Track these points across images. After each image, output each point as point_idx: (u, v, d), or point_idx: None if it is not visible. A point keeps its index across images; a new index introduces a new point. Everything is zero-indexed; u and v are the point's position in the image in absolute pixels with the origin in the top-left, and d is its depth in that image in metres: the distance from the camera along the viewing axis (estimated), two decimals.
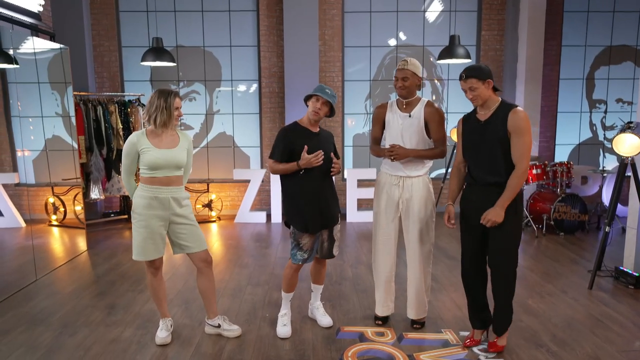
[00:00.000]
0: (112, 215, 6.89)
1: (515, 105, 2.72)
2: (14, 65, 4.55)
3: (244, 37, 7.02)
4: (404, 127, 3.11)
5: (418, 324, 3.31)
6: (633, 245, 4.22)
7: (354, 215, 6.62)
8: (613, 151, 4.14)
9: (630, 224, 4.27)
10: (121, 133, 6.27)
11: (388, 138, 3.20)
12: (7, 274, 4.55)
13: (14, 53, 4.48)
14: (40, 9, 5.36)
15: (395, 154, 3.05)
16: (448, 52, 5.71)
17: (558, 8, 6.98)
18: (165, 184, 2.92)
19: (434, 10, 7.00)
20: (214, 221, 6.77)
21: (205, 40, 7.01)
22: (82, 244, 5.46)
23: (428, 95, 7.16)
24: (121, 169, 3.00)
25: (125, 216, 6.76)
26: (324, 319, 3.36)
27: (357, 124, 7.25)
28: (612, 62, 7.19)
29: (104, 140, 6.22)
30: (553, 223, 5.78)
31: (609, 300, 3.79)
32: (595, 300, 3.80)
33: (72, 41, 6.19)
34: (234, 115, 7.19)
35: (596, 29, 7.11)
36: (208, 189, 6.89)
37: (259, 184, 6.66)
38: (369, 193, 6.24)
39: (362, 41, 7.06)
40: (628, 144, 4.00)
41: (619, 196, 4.14)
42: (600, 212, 6.33)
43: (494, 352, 2.93)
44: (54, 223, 6.27)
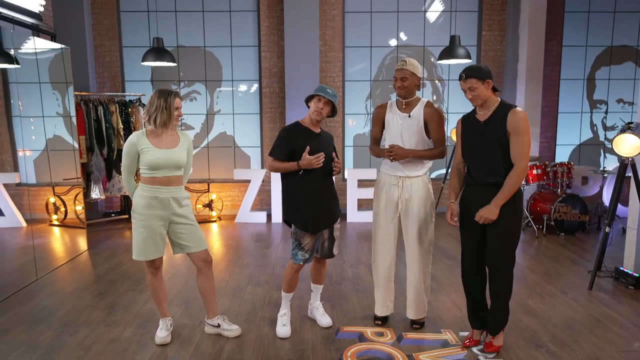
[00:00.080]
0: (113, 215, 6.91)
1: (515, 106, 2.72)
2: (15, 66, 4.56)
3: (244, 37, 7.03)
4: (404, 128, 3.11)
5: (417, 324, 3.31)
6: (633, 245, 4.22)
7: (354, 215, 6.62)
8: (614, 152, 4.14)
9: (630, 225, 4.27)
10: (122, 133, 6.28)
11: (387, 138, 3.20)
12: (8, 273, 4.56)
13: (15, 53, 4.49)
14: (41, 9, 5.39)
15: (395, 155, 3.05)
16: (448, 53, 5.71)
17: (559, 8, 6.98)
18: (165, 184, 2.92)
19: (435, 10, 7.00)
20: (215, 221, 6.77)
21: (206, 41, 7.02)
22: (83, 243, 5.47)
23: (428, 95, 7.16)
24: (121, 168, 3.01)
25: (126, 216, 6.77)
26: (324, 319, 3.36)
27: (358, 124, 7.26)
28: (613, 63, 7.18)
29: (105, 140, 6.24)
30: (553, 223, 5.78)
31: (609, 300, 3.79)
32: (595, 300, 3.80)
33: (73, 41, 6.21)
34: (235, 115, 7.19)
35: (597, 29, 7.10)
36: (208, 189, 6.90)
37: (259, 184, 6.67)
38: (369, 193, 6.25)
39: (363, 41, 7.06)
40: (628, 145, 3.99)
41: (619, 197, 4.14)
42: (601, 213, 6.32)
43: (491, 352, 2.93)
44: (55, 223, 6.29)
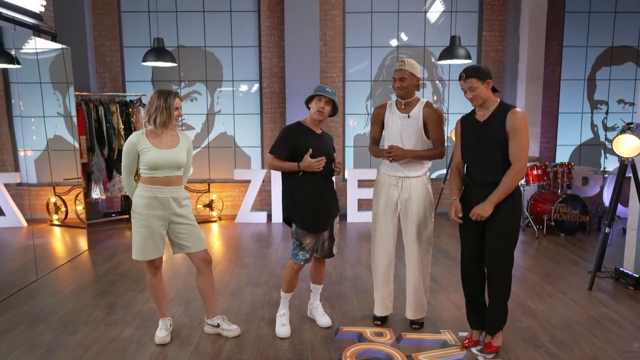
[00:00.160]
0: (113, 215, 6.92)
1: (514, 106, 2.72)
2: (16, 66, 4.57)
3: (245, 38, 7.04)
4: (403, 128, 3.11)
5: (417, 325, 3.31)
6: (633, 246, 4.22)
7: (354, 215, 6.62)
8: (614, 152, 4.14)
9: (630, 225, 4.27)
10: (122, 133, 6.29)
11: (387, 139, 3.20)
12: (9, 273, 4.57)
13: (16, 53, 4.50)
14: (42, 9, 5.39)
15: (394, 155, 3.05)
16: (449, 53, 5.71)
17: (559, 9, 6.98)
18: (165, 184, 2.93)
19: (435, 10, 7.00)
20: (215, 221, 6.78)
21: (207, 41, 7.02)
22: (83, 243, 5.48)
23: (429, 95, 7.16)
24: (121, 168, 3.02)
25: (127, 216, 6.78)
26: (323, 319, 3.36)
27: (358, 124, 7.26)
28: (614, 63, 7.18)
29: (105, 140, 6.24)
30: (554, 224, 5.77)
31: (609, 301, 3.79)
32: (595, 301, 3.79)
33: (74, 41, 6.22)
34: (235, 115, 7.20)
35: (597, 30, 7.09)
36: (209, 189, 6.90)
37: (259, 184, 6.67)
38: (369, 193, 6.24)
39: (363, 42, 7.07)
40: (628, 145, 3.99)
41: (619, 197, 4.14)
42: (601, 213, 6.32)
43: (490, 353, 2.94)
44: (56, 223, 6.29)
